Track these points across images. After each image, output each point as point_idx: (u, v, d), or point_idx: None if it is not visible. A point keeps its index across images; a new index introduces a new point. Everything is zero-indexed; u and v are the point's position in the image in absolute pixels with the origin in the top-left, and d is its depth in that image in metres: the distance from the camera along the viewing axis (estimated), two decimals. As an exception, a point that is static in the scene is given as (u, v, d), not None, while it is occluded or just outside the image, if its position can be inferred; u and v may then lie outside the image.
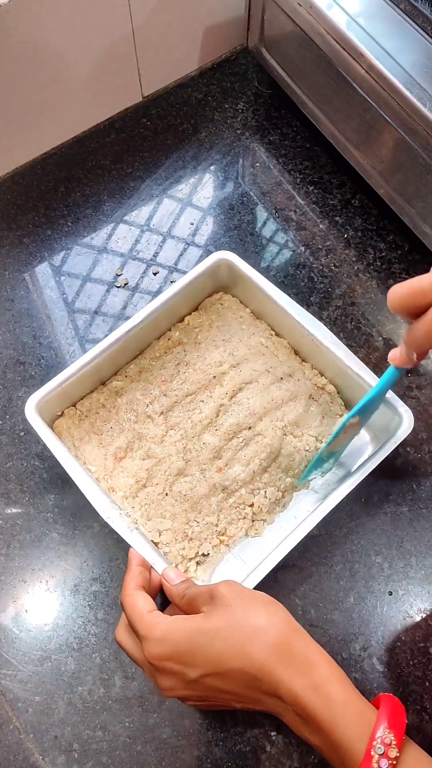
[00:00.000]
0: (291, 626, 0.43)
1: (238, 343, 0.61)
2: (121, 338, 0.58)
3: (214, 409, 0.58)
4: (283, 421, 0.58)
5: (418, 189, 0.60)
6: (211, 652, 0.42)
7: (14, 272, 0.69)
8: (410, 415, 0.54)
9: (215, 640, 0.42)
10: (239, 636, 0.42)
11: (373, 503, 0.59)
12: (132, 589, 0.47)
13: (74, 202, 0.72)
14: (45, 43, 0.63)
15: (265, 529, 0.56)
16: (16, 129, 0.70)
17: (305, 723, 0.40)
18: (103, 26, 0.66)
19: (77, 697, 0.53)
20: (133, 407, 0.59)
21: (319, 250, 0.70)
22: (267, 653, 0.41)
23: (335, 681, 0.40)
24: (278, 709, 0.42)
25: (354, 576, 0.57)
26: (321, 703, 0.39)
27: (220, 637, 0.42)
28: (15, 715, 0.53)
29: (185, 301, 0.62)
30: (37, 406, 0.55)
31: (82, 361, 0.56)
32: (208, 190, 0.73)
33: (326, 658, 0.42)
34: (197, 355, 0.61)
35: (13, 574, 0.57)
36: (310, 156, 0.74)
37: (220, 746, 0.52)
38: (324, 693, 0.40)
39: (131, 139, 0.76)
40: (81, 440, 0.58)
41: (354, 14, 0.58)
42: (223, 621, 0.42)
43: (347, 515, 0.58)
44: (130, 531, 0.52)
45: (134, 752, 0.52)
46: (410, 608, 0.56)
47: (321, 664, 0.41)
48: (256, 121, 0.76)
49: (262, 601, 0.44)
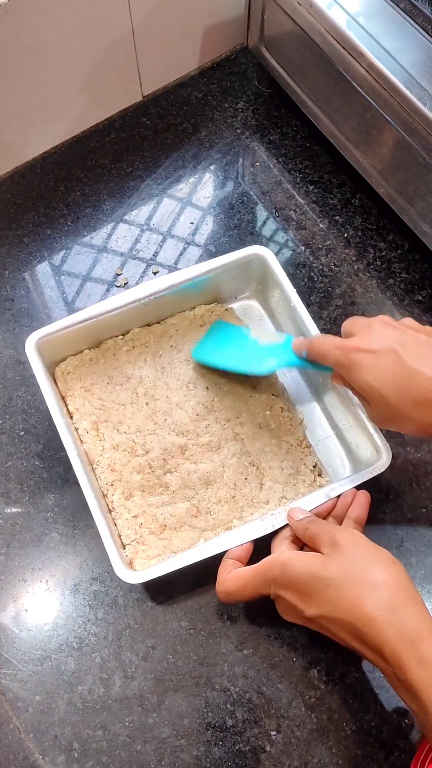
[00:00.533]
0: (409, 591, 0.43)
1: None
2: (139, 300, 0.59)
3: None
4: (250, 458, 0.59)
5: (418, 188, 0.60)
6: (326, 597, 0.43)
7: (14, 271, 0.69)
8: (389, 451, 0.54)
9: (330, 587, 0.43)
10: (355, 590, 0.43)
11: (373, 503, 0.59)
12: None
13: (74, 201, 0.72)
14: (45, 42, 0.63)
15: (233, 524, 0.57)
16: (16, 128, 0.70)
17: (404, 688, 0.41)
18: (103, 25, 0.66)
19: (77, 697, 0.53)
20: (126, 376, 0.61)
21: (319, 250, 0.70)
22: (379, 612, 0.41)
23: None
24: (380, 665, 0.42)
25: (354, 575, 0.57)
26: (424, 676, 0.40)
27: (335, 587, 0.43)
28: (15, 715, 0.53)
29: (203, 288, 0.63)
30: (37, 344, 0.57)
31: (88, 313, 0.58)
32: (208, 190, 0.73)
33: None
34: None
35: (13, 573, 0.57)
36: (310, 155, 0.74)
37: (220, 746, 0.52)
38: (429, 667, 0.40)
39: (131, 138, 0.76)
40: (72, 392, 0.60)
41: (354, 13, 0.58)
42: (340, 571, 0.44)
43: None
44: (93, 496, 0.53)
45: (134, 752, 0.52)
46: (410, 608, 0.56)
47: (431, 638, 0.41)
48: (256, 121, 0.76)
49: (384, 559, 0.45)
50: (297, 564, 0.46)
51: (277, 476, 0.57)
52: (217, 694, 0.53)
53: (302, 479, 0.57)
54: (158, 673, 0.54)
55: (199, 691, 0.54)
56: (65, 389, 0.60)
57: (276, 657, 0.54)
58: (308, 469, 0.58)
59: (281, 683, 0.54)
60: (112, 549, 0.51)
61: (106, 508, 0.55)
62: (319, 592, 0.44)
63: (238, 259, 0.61)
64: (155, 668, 0.54)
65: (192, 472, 0.57)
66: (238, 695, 0.53)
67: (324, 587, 0.44)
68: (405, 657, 0.40)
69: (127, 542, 0.55)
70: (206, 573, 0.55)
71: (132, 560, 0.54)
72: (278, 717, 0.53)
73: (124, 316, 0.60)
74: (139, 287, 0.59)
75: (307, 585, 0.45)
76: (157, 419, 0.59)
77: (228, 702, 0.53)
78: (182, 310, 0.64)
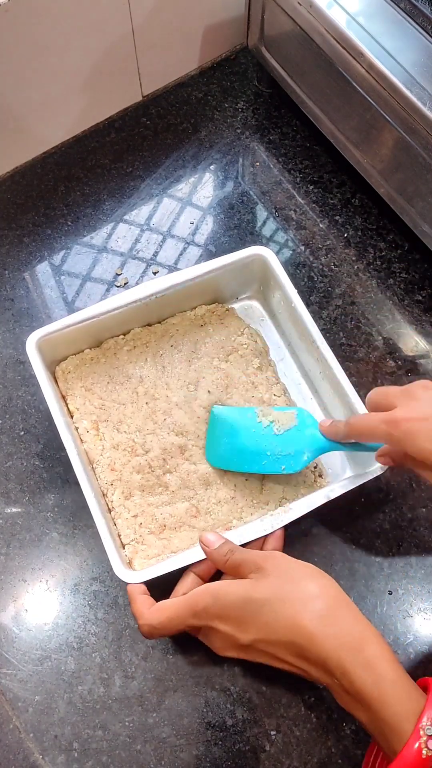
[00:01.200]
0: (342, 599, 0.43)
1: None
2: (136, 301, 0.59)
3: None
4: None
5: (418, 188, 0.60)
6: (262, 620, 0.43)
7: (14, 271, 0.69)
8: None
9: (264, 608, 0.43)
10: (289, 607, 0.42)
11: (373, 502, 0.59)
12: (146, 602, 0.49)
13: (74, 201, 0.72)
14: (45, 42, 0.63)
15: (233, 524, 0.57)
16: (16, 128, 0.70)
17: (352, 698, 0.41)
18: (103, 25, 0.66)
19: (77, 697, 0.54)
20: (127, 375, 0.61)
21: (319, 250, 0.70)
22: (317, 625, 0.41)
23: (385, 659, 0.40)
24: (326, 681, 0.42)
25: (354, 575, 0.57)
26: (371, 681, 0.39)
27: (270, 607, 0.42)
28: (15, 715, 0.53)
29: (203, 289, 0.62)
30: (37, 344, 0.57)
31: (89, 313, 0.58)
32: (208, 190, 0.73)
33: (376, 634, 0.42)
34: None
35: (13, 573, 0.57)
36: (310, 155, 0.74)
37: (220, 745, 0.52)
38: (375, 671, 0.40)
39: (131, 138, 0.76)
40: (73, 391, 0.60)
41: (354, 13, 0.58)
42: (271, 591, 0.43)
43: (347, 514, 0.58)
44: (93, 495, 0.53)
45: (134, 751, 0.52)
46: (410, 608, 0.56)
47: (372, 640, 0.41)
48: (256, 121, 0.76)
49: (311, 573, 0.45)
50: (228, 591, 0.45)
51: (277, 477, 0.57)
52: (217, 694, 0.53)
53: (302, 480, 0.57)
54: (158, 673, 0.54)
55: (198, 690, 0.54)
56: (66, 388, 0.60)
57: (276, 657, 0.54)
58: (308, 470, 0.58)
59: (281, 683, 0.54)
60: (112, 549, 0.51)
61: (105, 508, 0.55)
62: (255, 615, 0.43)
63: (239, 260, 0.61)
64: (155, 668, 0.54)
65: (192, 473, 0.57)
66: (237, 695, 0.53)
67: (258, 609, 0.43)
68: (350, 665, 0.40)
69: (126, 542, 0.55)
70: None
71: (131, 560, 0.54)
72: (278, 717, 0.53)
73: (125, 315, 0.60)
74: (140, 287, 0.59)
75: (240, 610, 0.44)
76: (156, 419, 0.59)
77: (228, 702, 0.53)
78: (183, 310, 0.64)
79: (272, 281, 0.62)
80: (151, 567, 0.51)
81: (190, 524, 0.56)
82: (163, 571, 0.51)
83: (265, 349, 0.63)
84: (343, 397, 0.57)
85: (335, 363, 0.57)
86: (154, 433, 0.58)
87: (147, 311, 0.61)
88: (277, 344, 0.64)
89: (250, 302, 0.66)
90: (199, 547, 0.50)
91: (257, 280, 0.64)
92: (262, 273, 0.62)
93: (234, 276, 0.63)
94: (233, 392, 0.60)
